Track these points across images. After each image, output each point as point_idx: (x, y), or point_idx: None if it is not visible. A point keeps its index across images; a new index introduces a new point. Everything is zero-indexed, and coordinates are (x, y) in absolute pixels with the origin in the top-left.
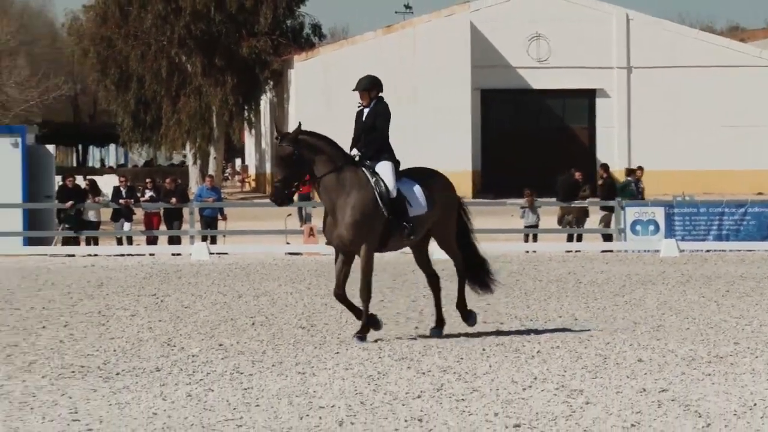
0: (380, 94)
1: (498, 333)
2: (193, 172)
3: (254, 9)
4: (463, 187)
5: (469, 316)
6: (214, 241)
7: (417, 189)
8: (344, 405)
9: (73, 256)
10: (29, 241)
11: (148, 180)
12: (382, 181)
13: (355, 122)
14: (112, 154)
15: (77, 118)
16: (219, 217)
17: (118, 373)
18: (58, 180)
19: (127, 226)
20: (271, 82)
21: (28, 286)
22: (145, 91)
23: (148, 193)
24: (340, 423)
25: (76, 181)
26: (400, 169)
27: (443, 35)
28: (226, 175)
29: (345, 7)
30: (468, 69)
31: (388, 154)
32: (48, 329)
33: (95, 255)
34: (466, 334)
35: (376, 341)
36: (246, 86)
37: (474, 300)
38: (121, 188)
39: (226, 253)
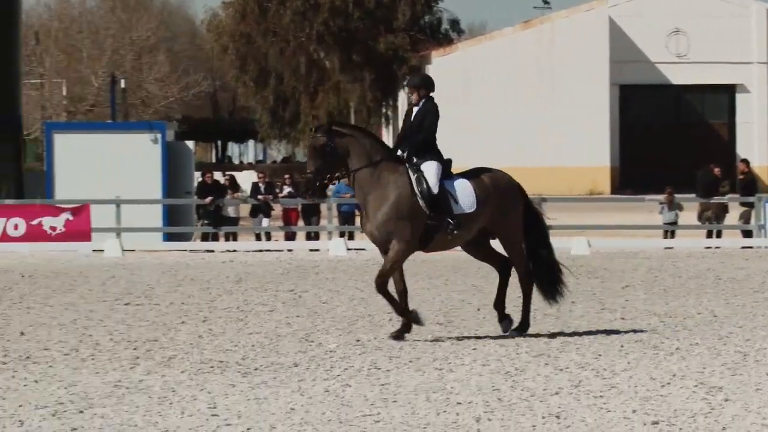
0: (431, 94)
1: (636, 330)
2: None
3: (392, 5)
4: (602, 183)
5: (503, 319)
6: (351, 236)
7: (466, 187)
8: (481, 401)
9: (212, 251)
10: (169, 237)
11: (286, 176)
12: (424, 178)
13: (404, 120)
14: (250, 151)
15: (216, 115)
16: (356, 212)
17: (256, 369)
18: (197, 176)
19: (265, 221)
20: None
21: (168, 281)
22: (284, 88)
23: (287, 189)
24: (478, 419)
25: (215, 177)
26: (468, 168)
27: (582, 30)
28: None
29: (483, 3)
30: (606, 64)
31: (434, 154)
32: (187, 324)
33: (234, 251)
34: (605, 331)
35: (512, 338)
36: (383, 82)
37: (612, 297)
38: (260, 184)
39: (363, 249)
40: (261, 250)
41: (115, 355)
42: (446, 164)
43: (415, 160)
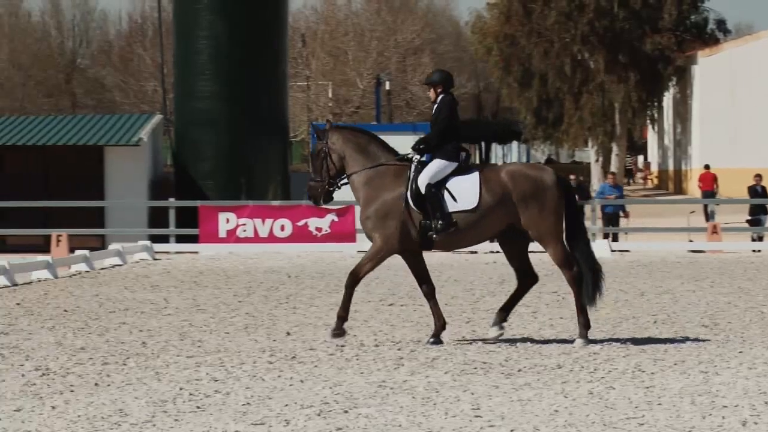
0: (450, 90)
1: None
2: (595, 170)
3: (658, 5)
4: None
5: (496, 324)
6: (615, 238)
7: (472, 184)
8: (748, 404)
9: (476, 252)
10: None
11: None
12: (416, 178)
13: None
14: (513, 152)
15: (480, 115)
16: (621, 214)
17: (519, 370)
18: None
19: None
20: (674, 78)
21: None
22: (548, 89)
23: None
24: (744, 423)
25: None
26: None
27: None
28: (630, 170)
29: (750, 3)
30: None
31: (445, 151)
32: (450, 325)
33: (497, 252)
34: None
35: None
36: (649, 82)
37: None
38: None
39: (627, 251)
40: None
41: (379, 355)
42: (458, 159)
43: (425, 158)
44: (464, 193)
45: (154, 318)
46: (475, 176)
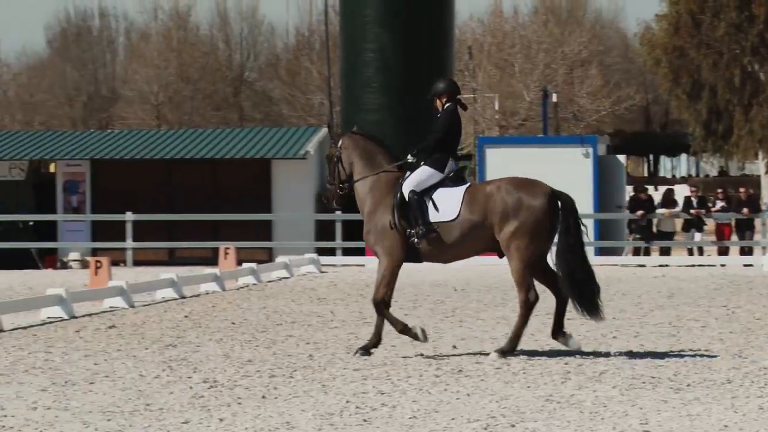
0: (457, 98)
1: None
2: (765, 182)
3: None
4: None
5: (564, 336)
6: None
7: (456, 195)
8: None
9: (644, 266)
10: (600, 251)
11: (719, 190)
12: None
13: None
14: (683, 164)
15: (648, 128)
16: None
17: (688, 385)
18: (628, 190)
19: (698, 236)
20: None
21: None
22: (717, 101)
23: (719, 204)
24: None
25: (648, 192)
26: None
27: None
28: None
29: None
30: None
31: (435, 160)
32: (618, 339)
33: (666, 265)
34: None
35: None
36: None
37: None
38: (692, 198)
39: None
40: (693, 265)
41: (546, 369)
42: (443, 170)
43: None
44: (446, 204)
45: (320, 331)
46: (460, 190)
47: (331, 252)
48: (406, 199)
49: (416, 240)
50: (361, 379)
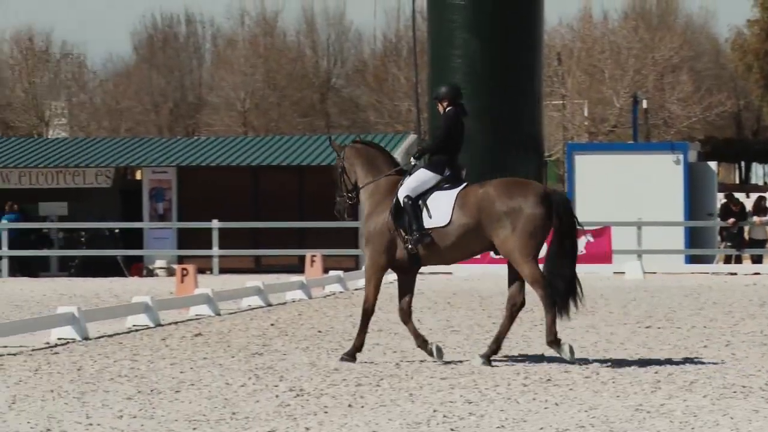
0: (460, 102)
1: None
2: None
3: None
4: None
5: (557, 345)
6: None
7: (448, 200)
8: None
9: (735, 274)
10: (691, 259)
11: None
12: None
13: None
14: None
15: (740, 135)
16: None
17: None
18: (720, 197)
19: None
20: None
21: (690, 304)
22: None
23: None
24: None
25: (740, 203)
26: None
27: None
28: None
29: None
30: None
31: (434, 164)
32: (709, 348)
33: (757, 273)
34: None
35: None
36: None
37: None
38: None
39: None
40: None
41: (636, 378)
42: (443, 173)
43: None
44: (438, 209)
45: (407, 339)
46: (453, 193)
47: None
48: (401, 204)
49: (410, 246)
50: (448, 388)
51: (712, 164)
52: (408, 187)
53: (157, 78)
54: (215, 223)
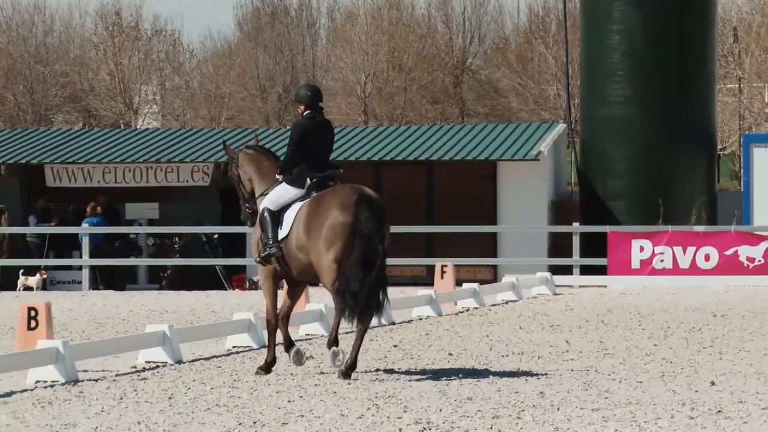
0: (319, 106)
1: None
2: None
3: None
4: None
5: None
6: None
7: (292, 210)
8: None
9: None
10: None
11: None
12: None
13: None
14: None
15: None
16: None
17: None
18: None
19: None
20: None
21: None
22: None
23: None
24: None
25: None
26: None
27: None
28: None
29: None
30: None
31: (290, 175)
32: None
33: None
34: None
35: None
36: None
37: None
38: None
39: None
40: None
41: None
42: (303, 185)
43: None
44: (285, 222)
45: (553, 363)
46: (298, 205)
47: (567, 270)
48: (262, 216)
49: (260, 259)
50: (601, 421)
51: None
52: (269, 199)
53: (263, 59)
54: None
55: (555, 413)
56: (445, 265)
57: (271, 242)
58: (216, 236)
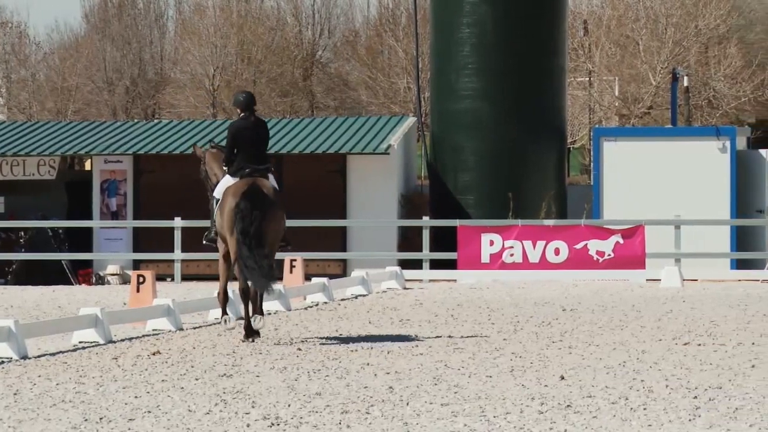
0: (253, 110)
1: None
2: None
3: None
4: None
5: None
6: None
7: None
8: None
9: None
10: (737, 264)
11: None
12: None
13: None
14: None
15: None
16: None
17: None
18: None
19: None
20: None
21: (735, 317)
22: None
23: None
24: None
25: None
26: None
27: None
28: None
29: None
30: None
31: (232, 169)
32: (758, 369)
33: None
34: None
35: None
36: None
37: None
38: None
39: None
40: None
41: (671, 404)
42: (238, 175)
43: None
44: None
45: (403, 358)
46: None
47: (416, 265)
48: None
49: (205, 240)
50: (450, 416)
51: (764, 152)
52: (217, 189)
53: (111, 51)
54: (178, 222)
55: (404, 408)
56: (294, 260)
57: (212, 230)
58: (62, 230)
